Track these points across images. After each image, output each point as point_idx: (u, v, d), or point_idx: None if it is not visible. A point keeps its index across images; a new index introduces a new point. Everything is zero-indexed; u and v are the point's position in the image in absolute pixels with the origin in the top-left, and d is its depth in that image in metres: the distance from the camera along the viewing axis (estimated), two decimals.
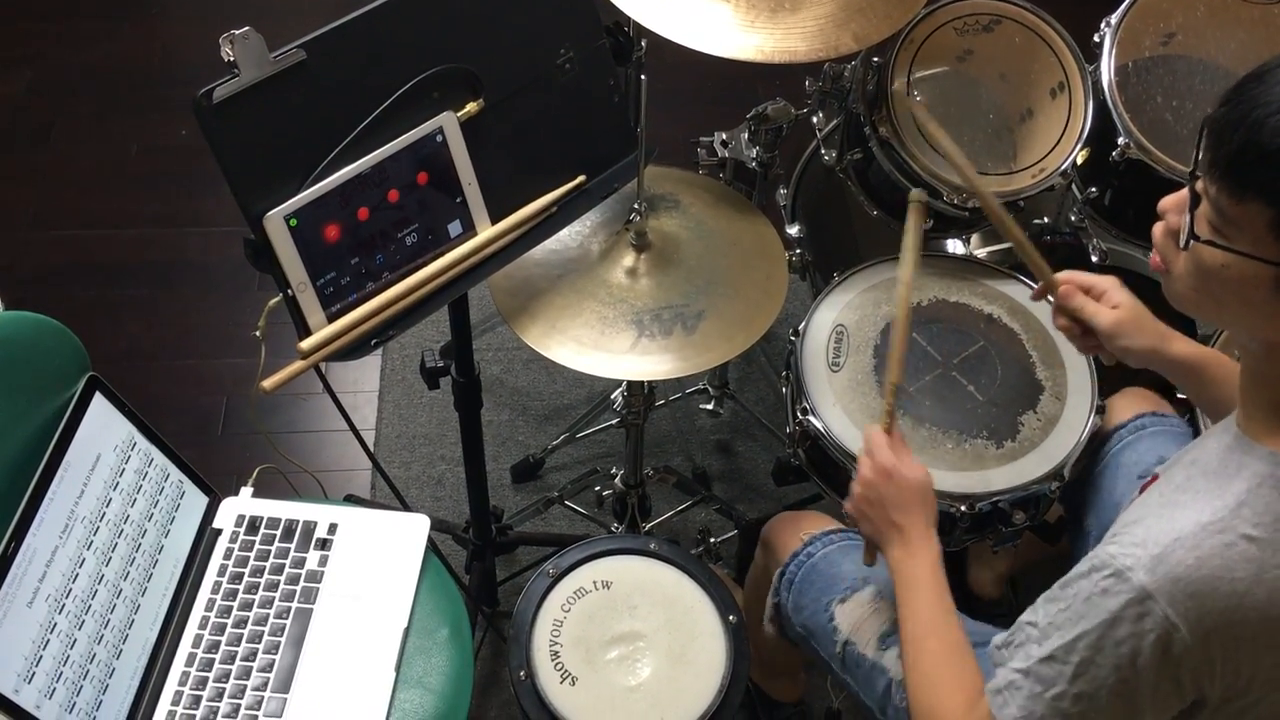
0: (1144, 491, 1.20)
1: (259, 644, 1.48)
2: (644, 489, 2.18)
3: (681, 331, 1.64)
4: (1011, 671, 1.16)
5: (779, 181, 2.26)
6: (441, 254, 1.43)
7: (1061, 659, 1.11)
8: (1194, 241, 1.05)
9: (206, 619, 1.50)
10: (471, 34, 1.39)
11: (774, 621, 1.63)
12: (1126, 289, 1.46)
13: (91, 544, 1.39)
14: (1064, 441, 1.67)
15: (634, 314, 1.66)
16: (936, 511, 1.41)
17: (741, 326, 1.66)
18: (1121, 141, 1.86)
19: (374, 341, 1.40)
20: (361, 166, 1.33)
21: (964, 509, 1.61)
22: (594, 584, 1.59)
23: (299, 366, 1.35)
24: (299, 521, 1.59)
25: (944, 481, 1.62)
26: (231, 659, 1.47)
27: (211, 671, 1.46)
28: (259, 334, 1.48)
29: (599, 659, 1.52)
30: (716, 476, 2.44)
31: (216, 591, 1.53)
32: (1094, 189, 1.97)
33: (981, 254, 2.10)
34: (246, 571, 1.54)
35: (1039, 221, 2.02)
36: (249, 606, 1.51)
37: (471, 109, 1.40)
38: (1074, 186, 1.99)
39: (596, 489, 2.25)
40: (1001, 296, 1.83)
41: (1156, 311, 1.43)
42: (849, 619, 1.51)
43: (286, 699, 1.44)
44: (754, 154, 2.12)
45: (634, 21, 1.64)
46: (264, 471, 1.73)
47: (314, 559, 1.56)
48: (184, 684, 1.45)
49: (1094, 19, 1.93)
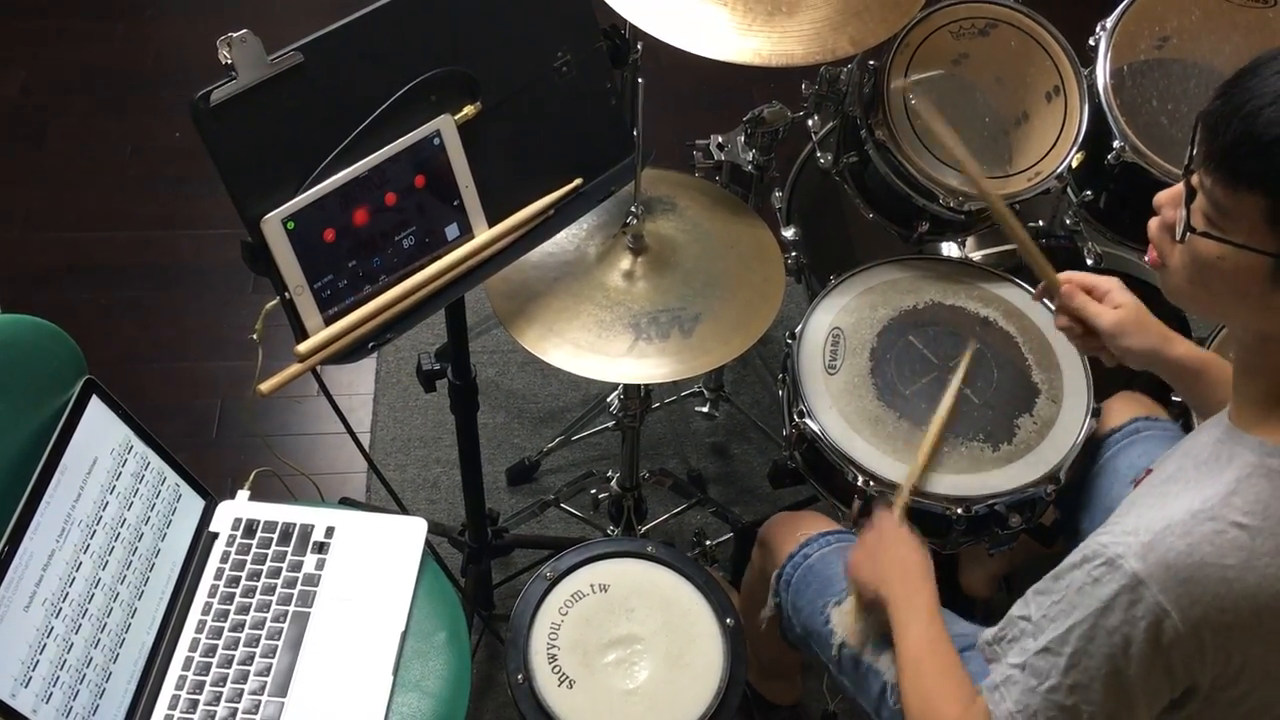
0: (1138, 485, 1.21)
1: (256, 647, 1.48)
2: (640, 492, 2.18)
3: (678, 334, 1.64)
4: (1007, 666, 1.17)
5: (775, 184, 2.26)
6: (439, 257, 1.43)
7: (1055, 650, 1.12)
8: (1190, 234, 1.06)
9: (203, 622, 1.50)
10: (469, 37, 1.39)
11: (775, 622, 1.63)
12: (1128, 291, 1.46)
13: (88, 547, 1.39)
14: (1060, 444, 1.67)
15: (631, 317, 1.66)
16: (934, 581, 1.44)
17: (738, 329, 1.67)
18: (1117, 145, 1.86)
19: (371, 344, 1.39)
20: (359, 169, 1.33)
21: (960, 512, 1.61)
22: (591, 587, 1.59)
23: (296, 369, 1.34)
24: (296, 525, 1.59)
25: (940, 484, 1.63)
26: (228, 662, 1.47)
27: (208, 675, 1.46)
28: (256, 337, 1.48)
29: (596, 662, 1.52)
30: (712, 479, 2.44)
31: (213, 595, 1.53)
32: (1089, 192, 1.98)
33: (977, 257, 2.10)
34: (243, 575, 1.54)
35: (1034, 224, 2.03)
36: (246, 610, 1.51)
37: (469, 112, 1.40)
38: (1069, 190, 1.99)
39: (592, 492, 2.25)
40: (997, 300, 1.83)
41: (1154, 312, 1.44)
42: (844, 621, 1.51)
43: (284, 702, 1.44)
44: (750, 157, 2.12)
45: (630, 24, 1.64)
46: (260, 475, 1.73)
47: (311, 562, 1.56)
48: (181, 687, 1.45)
49: (1089, 23, 1.94)
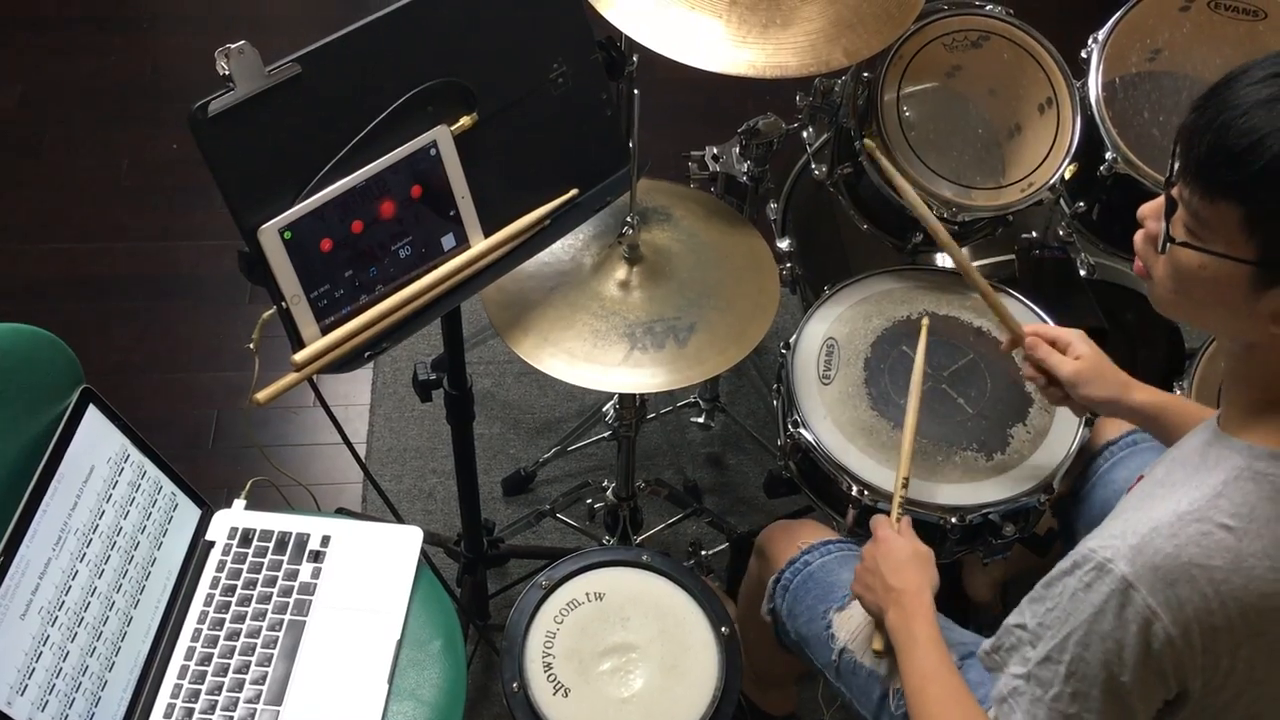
0: (1129, 492, 1.22)
1: (252, 656, 1.48)
2: (635, 502, 2.18)
3: (673, 344, 1.65)
4: (1012, 677, 1.17)
5: (770, 196, 2.27)
6: (435, 267, 1.44)
7: (1055, 659, 1.13)
8: (1171, 245, 1.07)
9: (199, 631, 1.50)
10: (465, 49, 1.40)
11: (770, 627, 1.63)
12: (1090, 342, 1.52)
13: (84, 556, 1.39)
14: (1053, 454, 1.67)
15: (626, 327, 1.66)
16: (937, 580, 1.43)
17: (733, 339, 1.67)
18: (1109, 156, 1.87)
19: (367, 354, 1.40)
20: (356, 180, 1.34)
21: (954, 521, 1.62)
22: (587, 595, 1.59)
23: (293, 379, 1.35)
24: (292, 534, 1.59)
25: (934, 494, 1.63)
26: (224, 671, 1.47)
27: (204, 684, 1.46)
28: (253, 346, 1.48)
29: (592, 670, 1.52)
30: (708, 489, 2.45)
31: (209, 604, 1.53)
32: (1082, 203, 1.99)
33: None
34: (239, 584, 1.54)
35: (1027, 236, 2.04)
36: (242, 618, 1.51)
37: (465, 123, 1.41)
38: (1062, 201, 2.00)
39: (588, 502, 2.25)
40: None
41: (1147, 323, 1.45)
42: (846, 627, 1.51)
43: (279, 711, 1.44)
44: (745, 168, 2.13)
45: (626, 37, 1.65)
46: (256, 484, 1.73)
47: (307, 571, 1.56)
48: (176, 696, 1.45)
49: (1081, 35, 1.95)
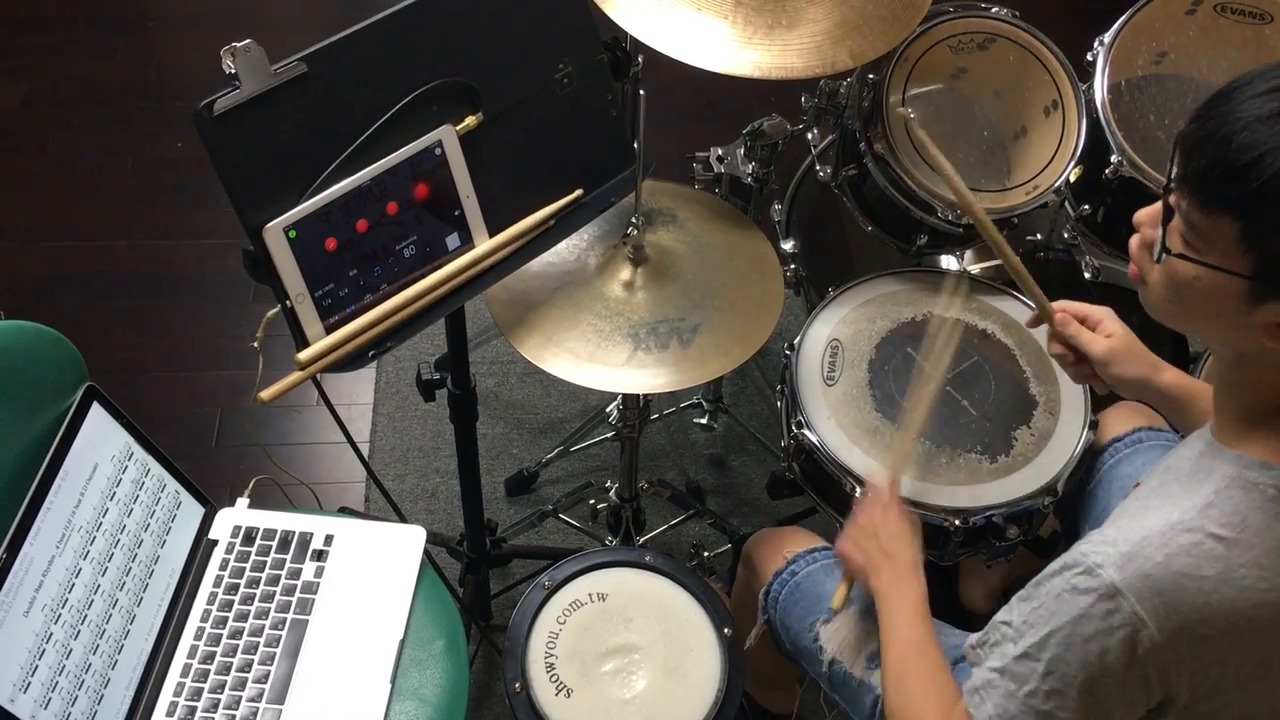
0: (1125, 499, 1.22)
1: (254, 654, 1.48)
2: (638, 503, 2.18)
3: (677, 345, 1.65)
4: (988, 670, 1.18)
5: (774, 197, 2.27)
6: (439, 266, 1.44)
7: (1034, 656, 1.13)
8: (1166, 255, 1.07)
9: (202, 629, 1.50)
10: (471, 48, 1.40)
11: (769, 638, 1.63)
12: (1120, 321, 1.49)
13: (88, 553, 1.39)
14: (1057, 456, 1.67)
15: (630, 327, 1.66)
16: (919, 571, 1.43)
17: (737, 340, 1.67)
18: (1114, 159, 1.87)
19: (371, 353, 1.40)
20: (361, 179, 1.34)
21: (957, 523, 1.62)
22: (590, 596, 1.59)
23: (297, 377, 1.35)
24: (295, 533, 1.59)
25: (937, 495, 1.63)
26: (227, 669, 1.47)
27: (207, 682, 1.46)
28: (257, 345, 1.48)
29: (594, 671, 1.52)
30: (710, 491, 2.45)
31: (212, 602, 1.53)
32: (1087, 206, 1.99)
33: (975, 270, 2.11)
34: (242, 582, 1.54)
35: (1032, 238, 2.04)
36: (245, 617, 1.51)
37: (470, 123, 1.41)
38: (1067, 203, 2.00)
39: (591, 502, 2.25)
40: (995, 312, 1.84)
41: (1151, 325, 1.45)
42: (834, 639, 1.52)
43: (282, 710, 1.44)
44: (750, 169, 2.13)
45: (631, 37, 1.65)
46: (260, 483, 1.73)
47: (310, 570, 1.56)
48: (179, 694, 1.45)
49: (1087, 38, 1.95)
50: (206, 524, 1.61)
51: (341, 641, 1.50)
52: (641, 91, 1.56)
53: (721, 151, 2.18)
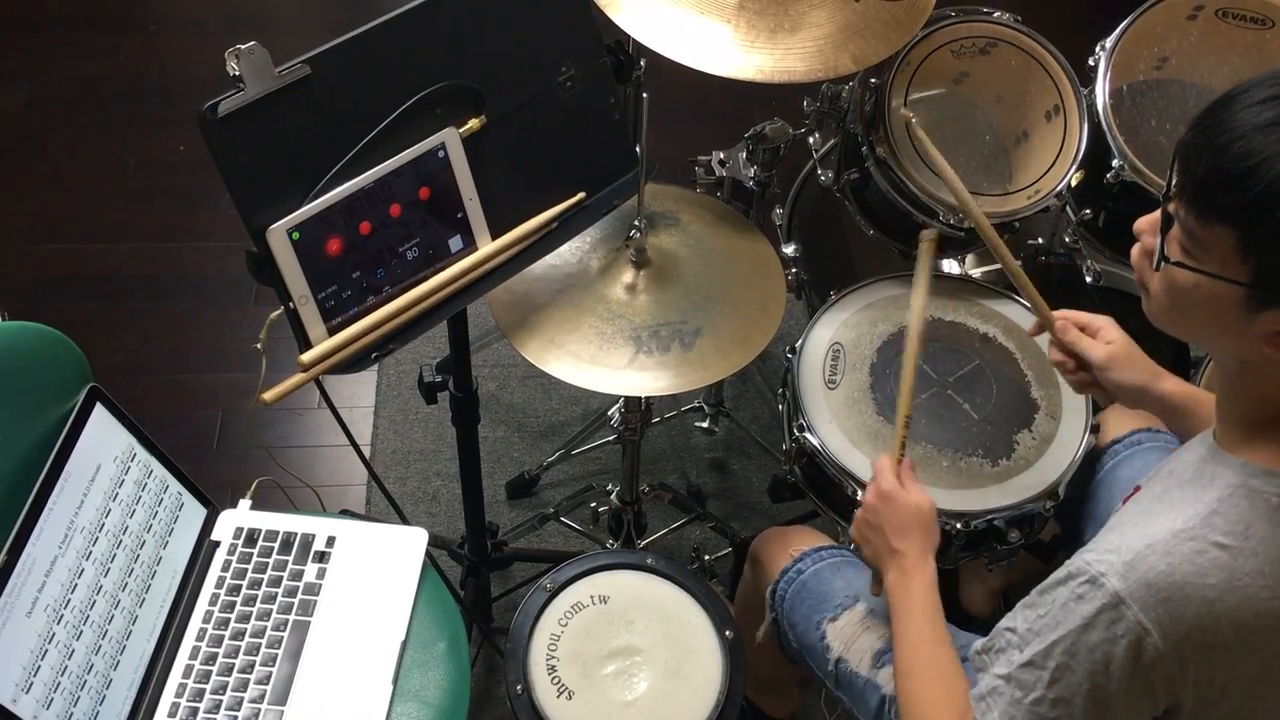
0: (1126, 503, 1.22)
1: (256, 656, 1.48)
2: (639, 506, 2.18)
3: (679, 348, 1.65)
4: (994, 678, 1.18)
5: (776, 201, 2.27)
6: (442, 269, 1.44)
7: (1039, 664, 1.13)
8: (1165, 263, 1.07)
9: (204, 630, 1.51)
10: (474, 51, 1.41)
11: (774, 638, 1.63)
12: (1120, 329, 1.50)
13: (90, 554, 1.39)
14: (1059, 460, 1.67)
15: (632, 330, 1.66)
16: (938, 538, 1.43)
17: (739, 344, 1.67)
18: (1116, 164, 1.87)
19: (374, 355, 1.40)
20: (364, 181, 1.34)
21: (959, 527, 1.62)
22: (591, 598, 1.59)
23: (300, 379, 1.35)
24: (297, 534, 1.59)
25: (939, 499, 1.62)
26: (229, 671, 1.47)
27: (208, 683, 1.46)
28: (260, 346, 1.48)
29: (596, 673, 1.53)
30: (711, 494, 2.45)
31: (214, 603, 1.53)
32: (1088, 211, 1.99)
33: (977, 274, 2.12)
34: (244, 583, 1.55)
35: (1033, 242, 2.04)
36: (246, 618, 1.51)
37: (474, 125, 1.42)
38: (1068, 208, 2.00)
39: (592, 505, 2.25)
40: (997, 316, 1.84)
41: (1153, 331, 1.45)
42: (841, 637, 1.51)
43: (283, 711, 1.44)
44: (752, 173, 2.13)
45: (634, 41, 1.66)
46: (262, 485, 1.74)
47: (312, 571, 1.56)
48: (180, 695, 1.45)
49: (1089, 43, 1.95)
50: (209, 525, 1.61)
51: (343, 643, 1.50)
52: (644, 95, 1.56)
53: (724, 155, 2.19)
